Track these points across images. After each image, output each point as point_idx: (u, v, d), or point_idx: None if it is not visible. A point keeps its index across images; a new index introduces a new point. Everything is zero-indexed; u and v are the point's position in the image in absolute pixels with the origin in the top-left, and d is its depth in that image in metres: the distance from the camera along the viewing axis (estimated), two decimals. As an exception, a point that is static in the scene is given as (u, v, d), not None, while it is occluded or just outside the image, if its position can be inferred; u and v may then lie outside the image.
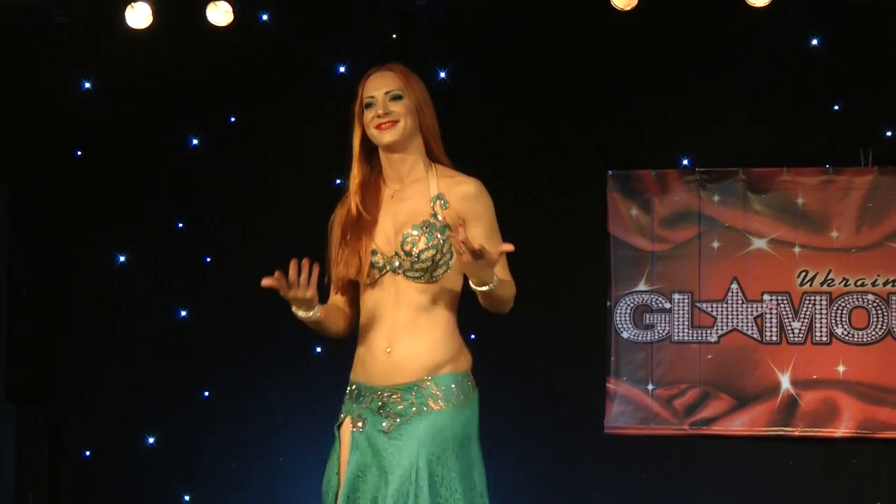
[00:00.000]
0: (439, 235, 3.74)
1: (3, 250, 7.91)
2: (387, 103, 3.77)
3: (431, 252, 3.73)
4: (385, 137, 3.77)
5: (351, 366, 3.92)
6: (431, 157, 3.87)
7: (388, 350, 3.76)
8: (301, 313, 3.73)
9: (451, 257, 3.75)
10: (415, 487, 3.66)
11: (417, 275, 3.74)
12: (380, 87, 3.81)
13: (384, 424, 3.72)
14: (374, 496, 3.72)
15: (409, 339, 3.75)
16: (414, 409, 3.72)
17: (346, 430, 3.83)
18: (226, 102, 8.35)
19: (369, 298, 3.83)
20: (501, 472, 7.53)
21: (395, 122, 3.77)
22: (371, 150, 3.87)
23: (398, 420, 3.72)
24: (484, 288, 3.63)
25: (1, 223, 7.89)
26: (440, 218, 3.75)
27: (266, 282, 3.64)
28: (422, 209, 3.77)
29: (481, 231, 3.75)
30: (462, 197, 3.77)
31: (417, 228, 3.74)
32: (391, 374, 3.76)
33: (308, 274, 3.65)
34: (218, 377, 8.35)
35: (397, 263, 3.76)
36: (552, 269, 8.05)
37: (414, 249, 3.73)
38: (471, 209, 3.77)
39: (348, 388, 3.89)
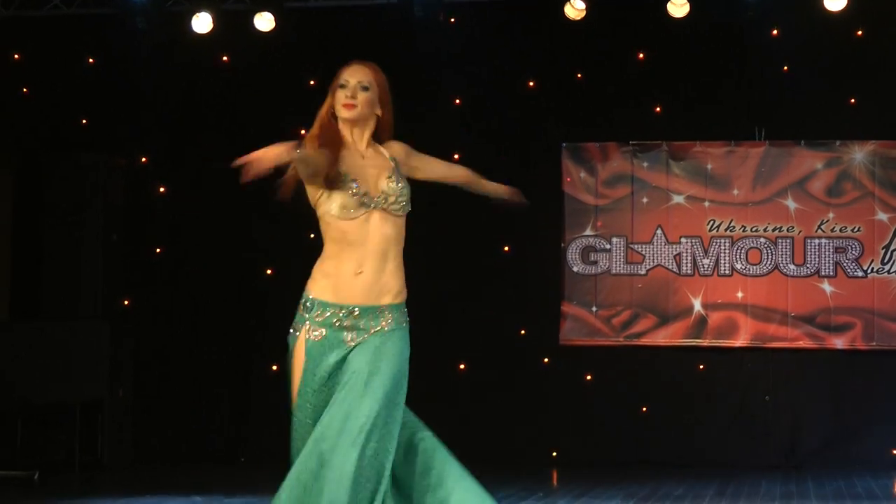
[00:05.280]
0: (402, 183, 4.32)
1: (101, 205, 9.70)
2: (356, 90, 4.31)
3: (406, 191, 4.30)
4: (344, 114, 4.30)
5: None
6: (379, 139, 4.36)
7: (360, 272, 4.21)
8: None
9: (405, 201, 4.30)
10: (356, 380, 4.14)
11: (397, 208, 4.26)
12: (354, 75, 4.33)
13: (348, 336, 4.17)
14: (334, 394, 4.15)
15: (377, 264, 4.22)
16: (373, 328, 4.20)
17: (302, 339, 4.19)
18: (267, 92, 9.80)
19: (342, 228, 4.22)
20: (477, 375, 9.30)
21: (355, 106, 4.30)
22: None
23: (357, 334, 4.17)
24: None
25: (97, 185, 9.70)
26: (400, 172, 4.35)
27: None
28: (387, 164, 4.32)
29: (435, 160, 4.44)
30: (404, 150, 4.39)
31: (393, 174, 4.30)
32: (358, 294, 4.20)
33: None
34: (267, 330, 9.59)
35: (384, 199, 4.24)
36: (520, 220, 8.87)
37: (395, 188, 4.29)
38: (416, 153, 4.40)
39: (302, 303, 4.26)
